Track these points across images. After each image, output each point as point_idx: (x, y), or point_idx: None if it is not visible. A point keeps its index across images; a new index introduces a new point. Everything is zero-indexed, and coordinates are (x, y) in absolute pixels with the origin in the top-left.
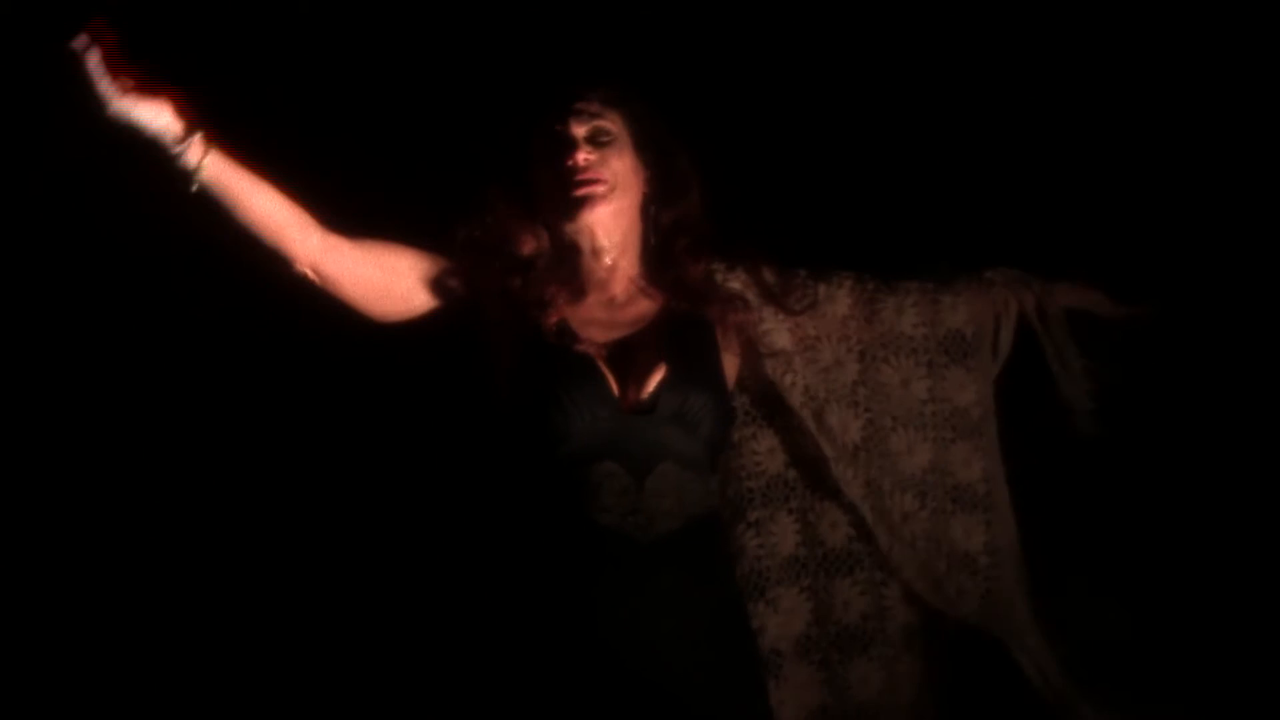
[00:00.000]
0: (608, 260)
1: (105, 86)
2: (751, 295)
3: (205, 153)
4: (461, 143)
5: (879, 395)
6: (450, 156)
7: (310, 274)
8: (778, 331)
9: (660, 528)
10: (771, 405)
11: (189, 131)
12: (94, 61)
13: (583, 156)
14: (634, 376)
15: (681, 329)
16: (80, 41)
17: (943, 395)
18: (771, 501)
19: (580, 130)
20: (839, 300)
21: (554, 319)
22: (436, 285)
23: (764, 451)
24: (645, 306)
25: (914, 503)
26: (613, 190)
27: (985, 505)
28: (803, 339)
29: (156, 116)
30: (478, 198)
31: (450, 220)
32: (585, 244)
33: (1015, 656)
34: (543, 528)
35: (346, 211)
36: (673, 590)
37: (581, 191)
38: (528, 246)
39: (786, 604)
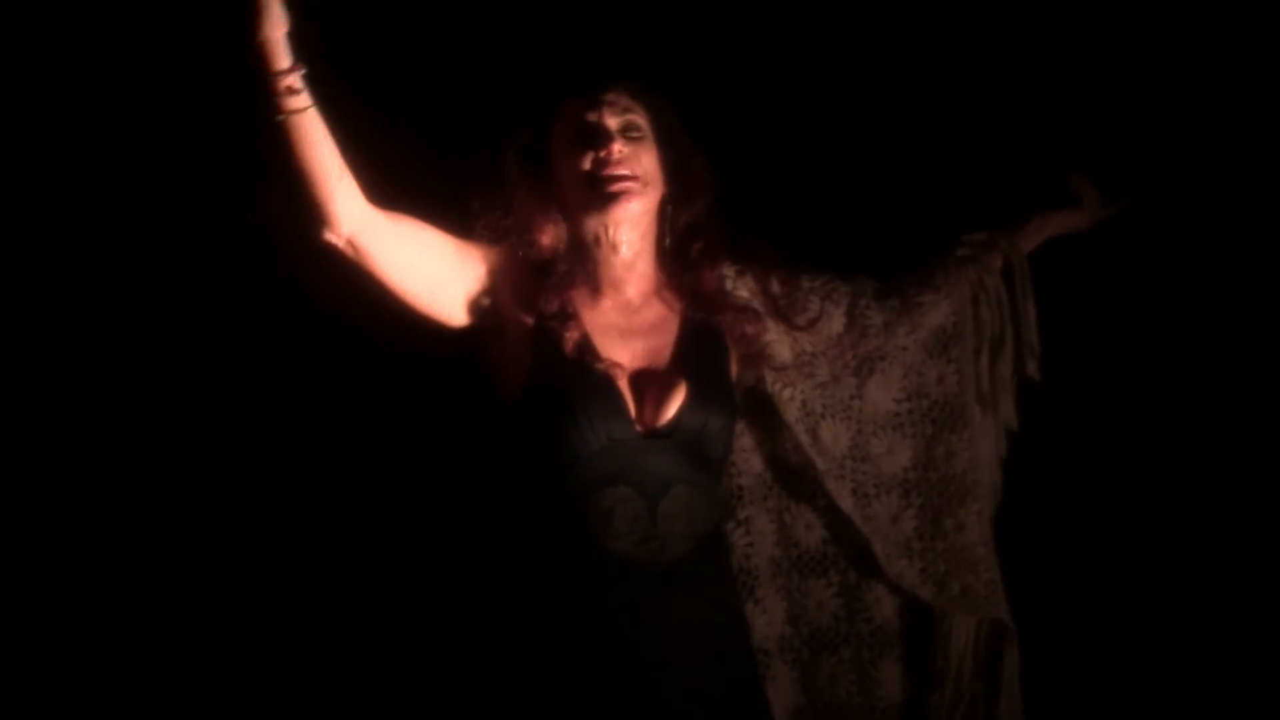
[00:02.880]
0: (625, 254)
1: None
2: (759, 305)
3: (301, 88)
4: (486, 130)
5: (867, 405)
6: (475, 144)
7: (344, 244)
8: (780, 344)
9: (672, 552)
10: (754, 405)
11: (296, 61)
12: None
13: (618, 148)
14: (652, 398)
15: (698, 343)
16: None
17: (920, 391)
18: (755, 500)
19: (614, 122)
20: (835, 319)
21: (575, 334)
22: (465, 281)
23: (748, 449)
24: (661, 313)
25: (900, 502)
26: (644, 187)
27: (975, 495)
28: (801, 353)
29: (277, 26)
30: (496, 178)
31: (472, 200)
32: (605, 238)
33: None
34: (551, 554)
35: (379, 184)
36: (685, 616)
37: (616, 187)
38: (546, 237)
39: (769, 603)
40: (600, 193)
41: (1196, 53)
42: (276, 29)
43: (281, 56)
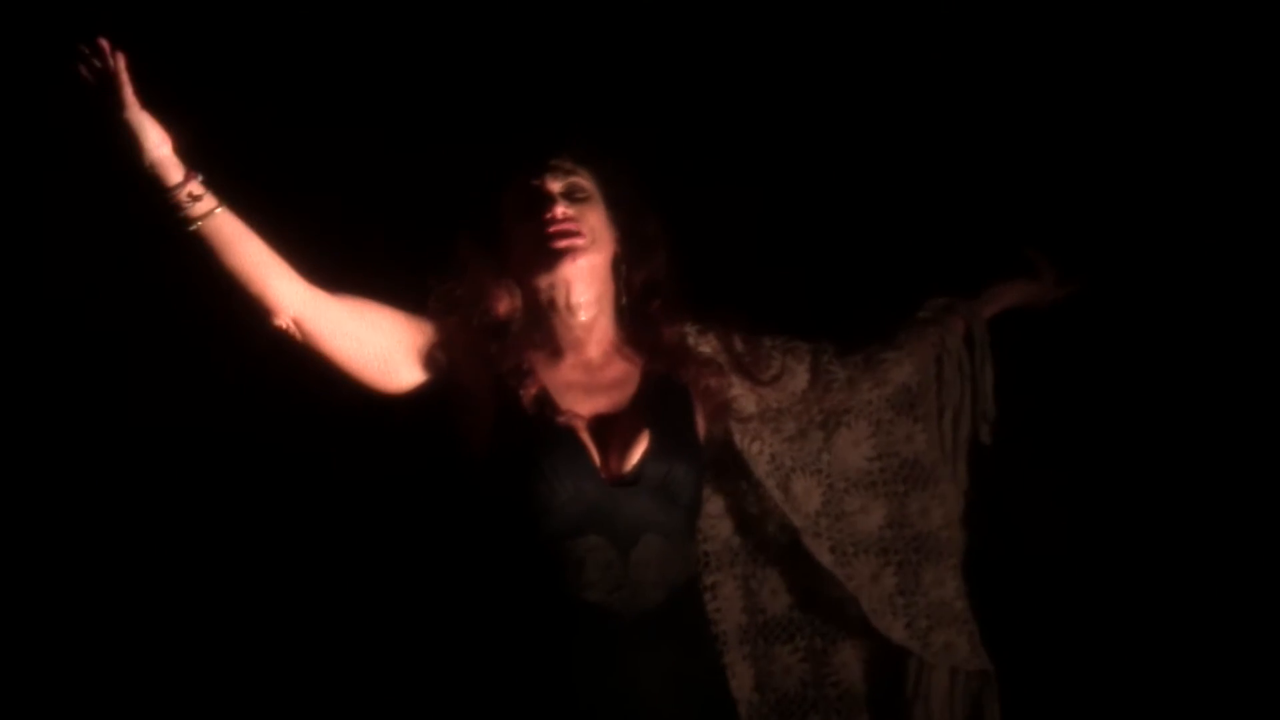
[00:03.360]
0: (583, 317)
1: (126, 90)
2: (723, 361)
3: (203, 193)
4: (434, 201)
5: (836, 461)
6: (423, 213)
7: (291, 328)
8: (746, 398)
9: (645, 601)
10: (721, 469)
11: (190, 170)
12: (121, 63)
13: (560, 210)
14: (616, 447)
15: (661, 394)
16: (106, 41)
17: (890, 450)
18: (722, 566)
19: (556, 186)
20: (798, 375)
21: (533, 389)
22: (415, 348)
23: (716, 516)
24: (623, 369)
25: (878, 560)
26: (591, 244)
27: (950, 551)
28: (767, 409)
29: (161, 144)
30: (450, 255)
31: (424, 275)
32: (560, 300)
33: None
34: (523, 605)
35: (321, 268)
36: (659, 665)
37: (561, 244)
38: (502, 305)
39: (737, 669)
40: (546, 251)
41: (1155, 134)
42: (158, 148)
43: (173, 171)
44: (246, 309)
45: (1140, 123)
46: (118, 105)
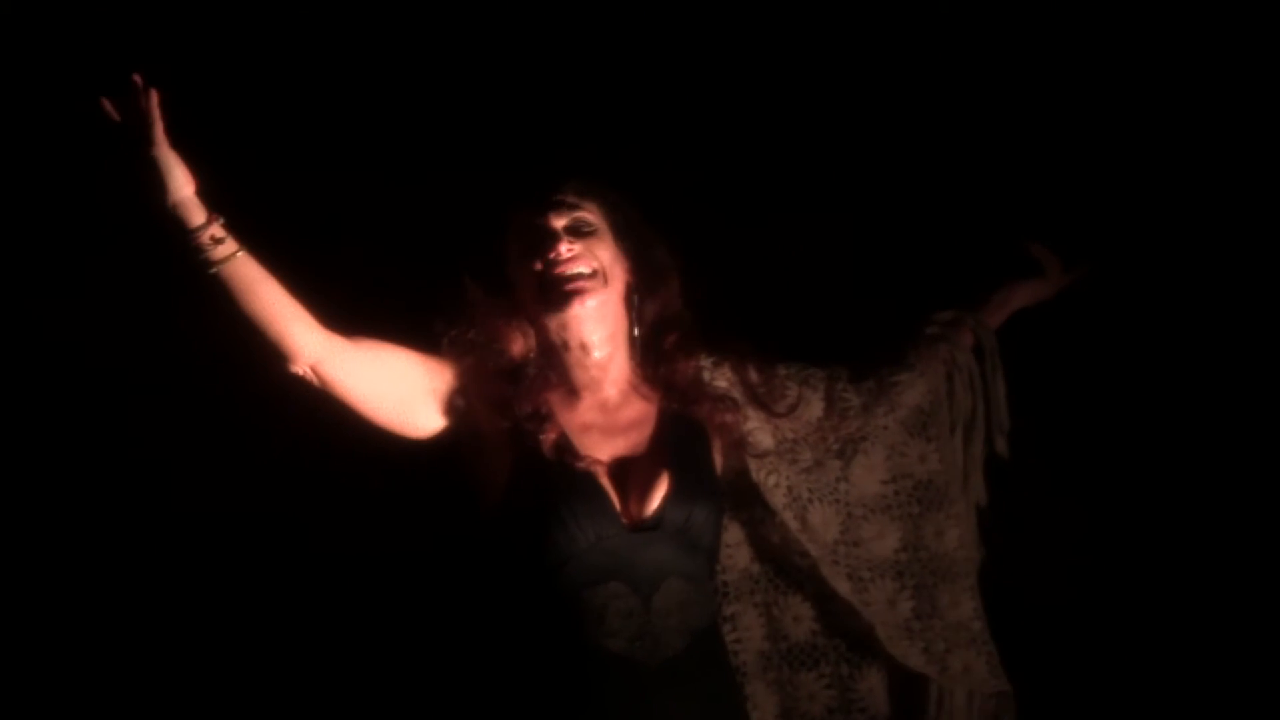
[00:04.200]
0: (597, 355)
1: (156, 128)
2: (738, 394)
3: (225, 236)
4: (445, 240)
5: (854, 488)
6: (435, 254)
7: (309, 373)
8: (762, 431)
9: (667, 649)
10: (739, 499)
11: (212, 213)
12: (154, 99)
13: (565, 247)
14: (636, 491)
15: (679, 433)
16: (140, 76)
17: (904, 472)
18: (742, 596)
19: (560, 222)
20: (814, 404)
21: (552, 434)
22: (434, 392)
23: (733, 545)
24: (641, 409)
25: (894, 585)
26: (599, 280)
27: (966, 571)
28: (783, 440)
29: (185, 185)
30: (459, 299)
31: (432, 321)
32: (574, 340)
33: None
34: (544, 655)
35: (335, 309)
36: (682, 715)
37: (569, 287)
38: (516, 346)
39: (760, 699)
40: (555, 294)
41: (1155, 120)
42: (183, 189)
43: (195, 213)
44: (264, 354)
45: (1133, 108)
46: (147, 142)
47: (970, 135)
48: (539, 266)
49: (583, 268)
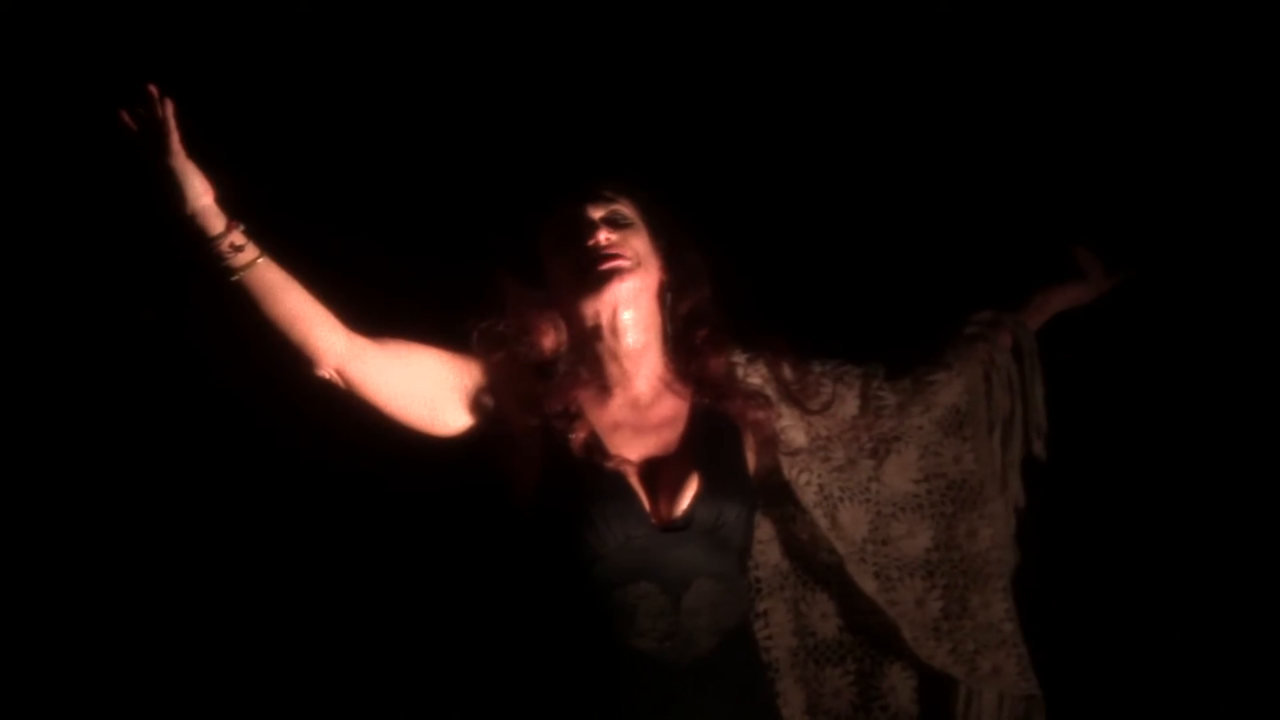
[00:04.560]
0: (630, 341)
1: (173, 137)
2: (771, 391)
3: (245, 243)
4: (473, 236)
5: (885, 488)
6: (462, 250)
7: (335, 377)
8: (795, 429)
9: (697, 648)
10: (770, 496)
11: (231, 220)
12: (169, 109)
13: (604, 236)
14: (666, 490)
15: (710, 431)
16: (155, 87)
17: (938, 471)
18: (773, 592)
19: (598, 213)
20: (849, 402)
21: (582, 433)
22: (462, 391)
23: (764, 541)
24: (673, 406)
25: (924, 584)
26: (636, 266)
27: (999, 572)
28: (816, 438)
29: (204, 194)
30: (491, 291)
31: (464, 315)
32: (606, 324)
33: None
34: (573, 655)
35: (360, 310)
36: (713, 714)
37: (607, 265)
38: (548, 339)
39: (789, 695)
40: (592, 275)
41: (1191, 121)
42: (201, 197)
43: (215, 221)
44: (289, 358)
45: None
46: (163, 152)
47: (1015, 136)
48: (576, 254)
49: (620, 252)
